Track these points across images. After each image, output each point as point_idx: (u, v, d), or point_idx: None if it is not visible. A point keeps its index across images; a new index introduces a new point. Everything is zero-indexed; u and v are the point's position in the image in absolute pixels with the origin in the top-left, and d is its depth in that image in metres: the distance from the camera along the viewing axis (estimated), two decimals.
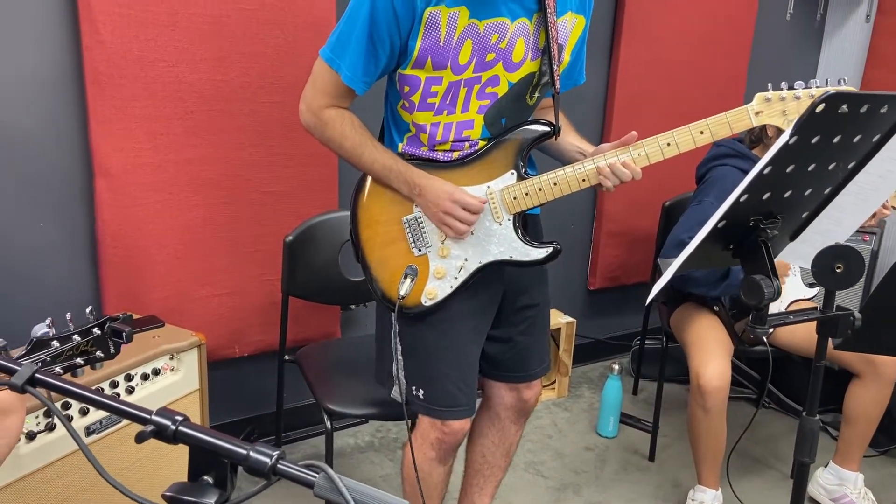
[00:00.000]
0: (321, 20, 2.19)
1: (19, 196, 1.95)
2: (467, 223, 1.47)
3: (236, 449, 0.65)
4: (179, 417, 0.69)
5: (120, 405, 0.72)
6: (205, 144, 2.12)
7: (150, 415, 0.69)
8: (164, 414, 0.69)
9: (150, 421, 0.68)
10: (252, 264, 2.28)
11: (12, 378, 0.72)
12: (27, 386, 0.72)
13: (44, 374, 0.73)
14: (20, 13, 1.85)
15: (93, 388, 0.74)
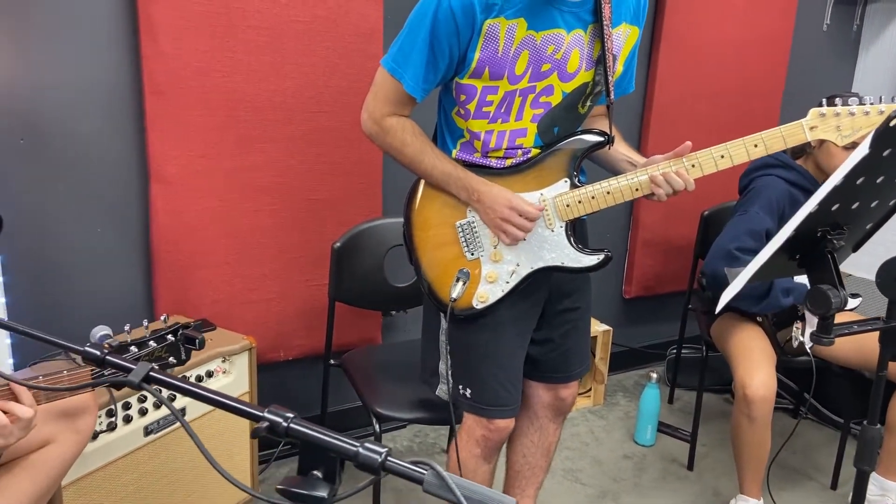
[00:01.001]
0: (369, 32, 2.23)
1: (78, 201, 2.01)
2: (524, 230, 1.50)
3: (347, 446, 0.69)
4: (290, 415, 0.72)
5: (232, 402, 0.75)
6: (255, 152, 2.17)
7: (263, 412, 0.72)
8: (275, 412, 0.72)
9: (263, 418, 0.72)
10: (297, 270, 2.33)
11: (129, 376, 0.76)
12: (143, 383, 0.76)
13: (157, 373, 0.77)
14: (84, 24, 1.91)
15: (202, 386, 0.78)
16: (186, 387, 0.77)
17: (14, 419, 1.09)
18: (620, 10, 1.49)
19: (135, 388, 0.76)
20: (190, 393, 0.77)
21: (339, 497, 0.70)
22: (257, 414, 0.73)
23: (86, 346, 0.80)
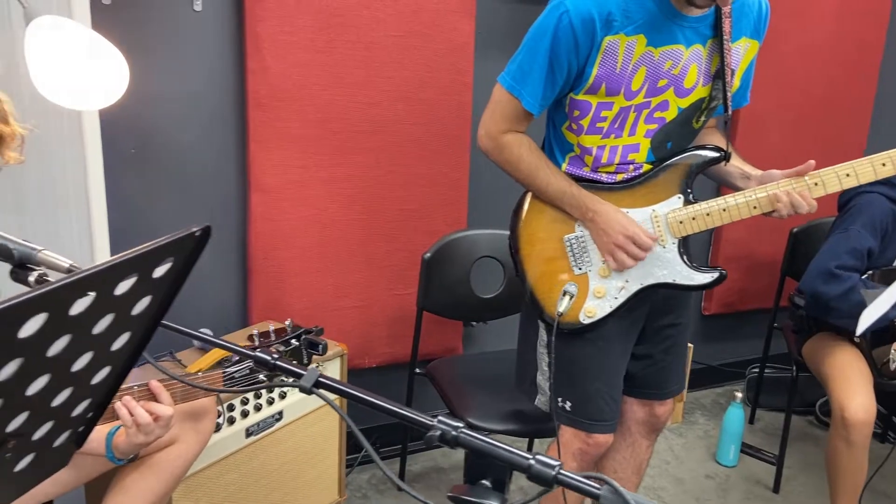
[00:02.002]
0: (461, 46, 2.27)
1: (182, 208, 2.09)
2: (635, 259, 1.50)
3: (519, 458, 0.70)
4: (460, 425, 0.74)
5: (403, 411, 0.78)
6: (347, 163, 2.22)
7: (434, 421, 0.74)
8: (445, 422, 0.74)
9: (435, 427, 0.74)
10: (383, 279, 2.36)
11: (301, 381, 0.79)
12: (314, 388, 0.79)
13: (324, 379, 0.80)
14: (194, 40, 2.00)
15: (369, 392, 0.80)
16: (354, 392, 0.80)
17: (156, 418, 1.14)
18: (741, 24, 1.48)
19: (306, 392, 0.79)
20: (357, 399, 0.80)
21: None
22: (428, 423, 0.75)
23: (256, 351, 0.84)
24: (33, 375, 0.58)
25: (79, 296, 0.56)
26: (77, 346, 0.61)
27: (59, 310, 0.55)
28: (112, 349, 0.68)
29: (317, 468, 2.06)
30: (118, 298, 0.62)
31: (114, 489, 1.30)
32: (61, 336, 0.58)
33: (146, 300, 0.67)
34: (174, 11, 1.96)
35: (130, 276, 0.61)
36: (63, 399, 0.66)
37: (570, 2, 1.40)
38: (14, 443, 0.63)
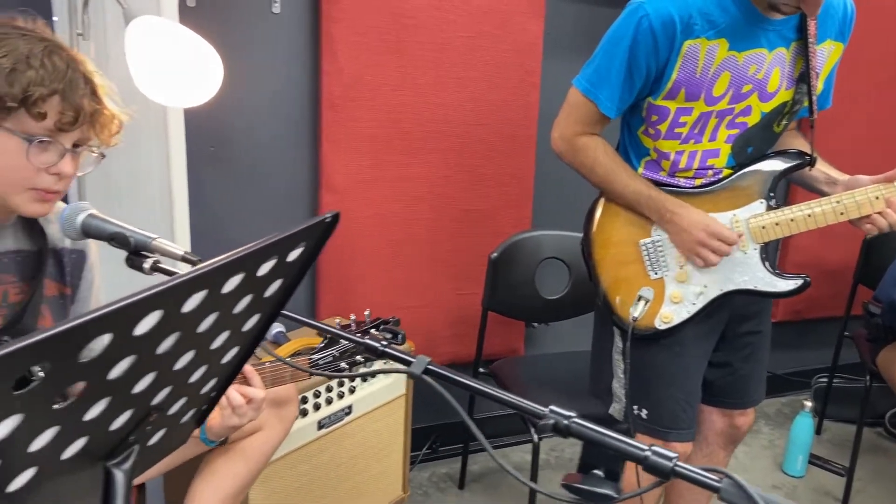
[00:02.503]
0: (529, 47, 2.28)
1: (255, 205, 2.14)
2: (720, 254, 1.48)
3: (634, 450, 0.70)
4: (572, 415, 0.75)
5: (513, 399, 0.79)
6: (416, 163, 2.25)
7: (547, 410, 0.75)
8: (557, 411, 0.75)
9: (547, 416, 0.75)
10: (449, 278, 2.38)
11: (410, 367, 0.81)
12: (423, 375, 0.81)
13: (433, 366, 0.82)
14: (271, 42, 2.05)
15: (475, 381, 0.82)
16: (462, 380, 0.81)
17: (248, 400, 1.17)
18: (826, 26, 1.46)
19: (416, 378, 0.81)
20: (465, 386, 0.81)
21: (624, 496, 0.72)
22: (541, 412, 0.75)
23: (366, 338, 0.86)
24: (183, 350, 0.61)
25: (231, 275, 0.58)
26: (220, 324, 0.64)
27: (215, 288, 0.57)
28: (243, 330, 0.71)
29: (382, 463, 2.08)
30: (258, 280, 0.64)
31: (203, 472, 1.34)
32: (211, 313, 0.60)
33: (278, 283, 0.70)
34: (253, 13, 2.01)
35: (271, 259, 0.64)
36: (198, 376, 0.70)
37: (650, 5, 1.40)
38: (156, 416, 0.66)
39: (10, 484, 0.50)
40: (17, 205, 1.05)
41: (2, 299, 1.11)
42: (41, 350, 0.41)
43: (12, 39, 0.99)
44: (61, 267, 1.20)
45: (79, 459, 0.58)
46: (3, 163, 1.00)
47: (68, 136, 1.04)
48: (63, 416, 0.50)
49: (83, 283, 1.25)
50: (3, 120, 0.99)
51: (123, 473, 0.64)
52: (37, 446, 0.50)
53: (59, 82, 1.00)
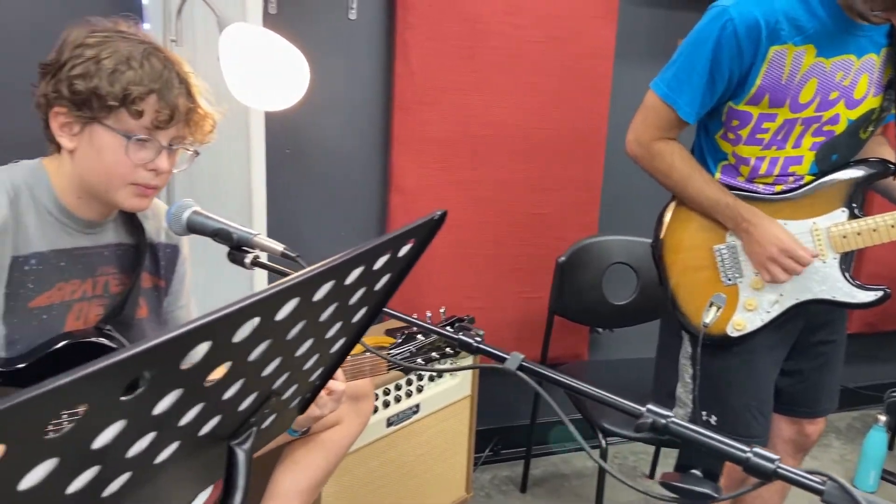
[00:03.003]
0: (601, 52, 2.28)
1: (328, 206, 2.20)
2: (790, 272, 1.46)
3: (735, 451, 0.71)
4: (669, 414, 0.75)
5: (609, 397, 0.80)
6: (483, 167, 2.27)
7: (644, 409, 0.76)
8: (655, 410, 0.76)
9: (645, 414, 0.76)
10: (514, 281, 2.39)
11: (505, 364, 0.83)
12: (518, 371, 0.83)
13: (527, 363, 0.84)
14: (346, 47, 2.10)
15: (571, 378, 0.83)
16: (556, 376, 0.83)
17: (329, 392, 1.21)
18: None
19: (511, 374, 0.83)
20: (561, 384, 0.83)
21: (724, 497, 0.72)
22: (638, 410, 0.76)
23: (460, 334, 0.88)
24: (306, 337, 0.64)
25: (355, 267, 0.62)
26: (337, 314, 0.67)
27: (341, 279, 0.61)
28: (353, 321, 0.74)
29: (447, 463, 2.11)
30: (373, 273, 0.67)
31: (285, 462, 1.38)
32: (333, 303, 0.64)
33: (387, 277, 0.73)
34: (331, 20, 2.07)
35: (386, 254, 0.67)
36: (311, 363, 0.73)
37: (735, 9, 1.39)
38: (273, 400, 0.70)
39: (159, 455, 0.54)
40: (118, 199, 1.11)
41: (104, 289, 1.18)
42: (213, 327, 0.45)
43: (115, 42, 1.06)
44: (157, 261, 1.27)
45: (210, 436, 0.62)
46: (105, 159, 1.07)
47: (164, 134, 1.10)
48: (208, 394, 0.54)
49: (176, 277, 1.32)
50: (104, 118, 1.05)
51: (244, 452, 0.68)
52: (185, 420, 0.54)
53: (156, 82, 1.06)
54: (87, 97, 1.04)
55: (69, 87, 1.04)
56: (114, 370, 0.37)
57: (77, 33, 1.08)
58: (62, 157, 1.10)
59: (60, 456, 0.40)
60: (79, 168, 1.09)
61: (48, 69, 1.07)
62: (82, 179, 1.10)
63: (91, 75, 1.03)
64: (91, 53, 1.05)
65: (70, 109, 1.05)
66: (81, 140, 1.07)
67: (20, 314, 1.06)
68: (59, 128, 1.07)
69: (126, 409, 0.43)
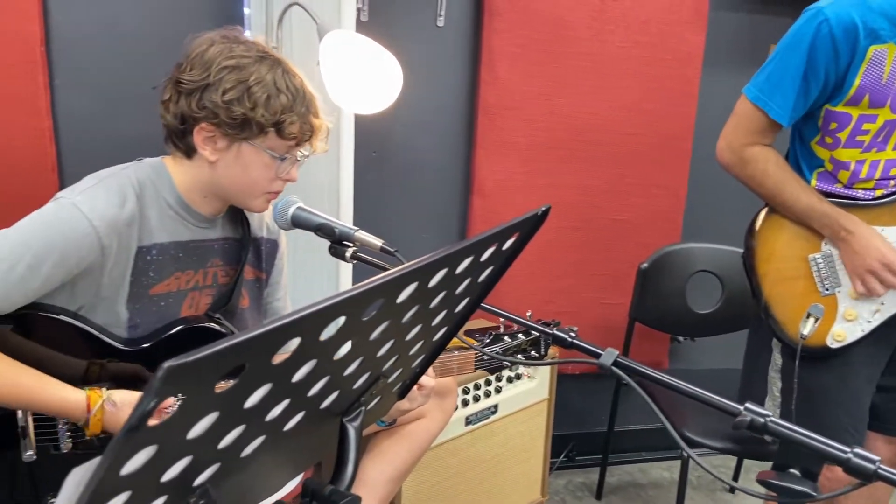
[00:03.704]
0: (688, 58, 2.25)
1: (410, 207, 2.26)
2: (889, 287, 1.42)
3: (835, 451, 0.70)
4: (769, 413, 0.76)
5: (705, 394, 0.81)
6: (566, 171, 2.28)
7: (742, 408, 0.76)
8: (752, 409, 0.76)
9: (743, 413, 0.76)
10: (593, 287, 2.39)
11: (600, 360, 0.85)
12: (612, 367, 0.85)
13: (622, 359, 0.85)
14: (435, 51, 2.16)
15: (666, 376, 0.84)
16: (652, 373, 0.84)
17: (419, 387, 1.25)
18: None
19: (605, 371, 0.85)
20: (658, 381, 0.84)
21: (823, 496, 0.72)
22: (735, 409, 0.77)
23: (554, 330, 0.91)
24: (416, 322, 0.68)
25: (466, 258, 0.65)
26: (444, 302, 0.70)
27: (453, 267, 0.64)
28: (455, 311, 0.78)
29: (523, 465, 2.12)
30: (480, 264, 0.71)
31: (372, 452, 1.43)
32: (443, 291, 0.67)
33: (490, 269, 0.76)
34: (419, 27, 2.13)
35: (492, 245, 0.70)
36: (415, 350, 0.77)
37: (831, 10, 1.36)
38: (382, 382, 0.74)
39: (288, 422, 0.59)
40: (252, 205, 1.19)
41: (213, 280, 1.26)
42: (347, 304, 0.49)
43: (253, 65, 1.12)
44: (259, 254, 1.34)
45: (327, 411, 0.66)
46: (251, 173, 1.15)
47: (299, 149, 1.17)
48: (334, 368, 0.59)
49: (274, 270, 1.39)
50: (255, 138, 1.13)
51: (354, 429, 0.72)
52: (313, 391, 0.58)
53: (301, 105, 1.13)
54: (243, 121, 1.11)
55: (225, 111, 1.10)
56: (274, 335, 0.42)
57: (213, 51, 1.13)
58: (191, 163, 1.18)
59: (221, 411, 0.44)
60: (217, 177, 1.17)
61: (190, 86, 1.12)
62: (218, 186, 1.18)
63: (245, 102, 1.10)
64: (239, 77, 1.11)
65: (220, 129, 1.12)
66: (226, 154, 1.15)
67: (142, 300, 1.14)
68: (203, 141, 1.14)
69: (273, 373, 0.47)
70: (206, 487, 0.54)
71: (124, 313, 1.12)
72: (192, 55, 1.13)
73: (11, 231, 1.04)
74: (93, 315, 1.11)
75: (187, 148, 1.16)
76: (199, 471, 0.50)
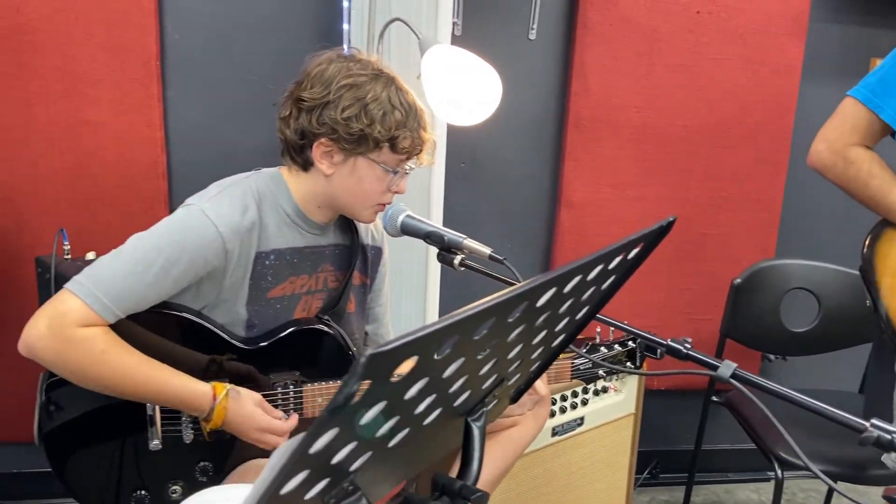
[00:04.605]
0: (787, 69, 2.20)
1: (497, 217, 2.28)
2: None
3: None
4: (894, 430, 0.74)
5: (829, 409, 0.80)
6: (656, 184, 2.26)
7: (867, 424, 0.75)
8: (880, 425, 0.74)
9: (868, 430, 0.75)
10: (682, 301, 2.35)
11: (718, 372, 0.85)
12: (731, 379, 0.85)
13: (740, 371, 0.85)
14: (526, 64, 2.18)
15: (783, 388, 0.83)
16: (768, 385, 0.84)
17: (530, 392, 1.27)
18: None
19: (724, 381, 0.85)
20: (776, 394, 0.84)
21: None
22: (861, 425, 0.76)
23: (669, 340, 0.91)
24: (544, 327, 0.70)
25: (598, 265, 0.67)
26: (570, 309, 0.72)
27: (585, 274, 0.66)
28: (576, 318, 0.79)
29: (607, 479, 2.10)
30: (607, 272, 0.72)
31: None
32: (571, 298, 0.69)
33: (612, 278, 0.77)
34: (512, 40, 2.16)
35: (619, 255, 0.71)
36: (536, 354, 0.79)
37: None
38: (504, 385, 0.76)
39: (426, 419, 0.62)
40: (363, 216, 1.25)
41: (323, 285, 1.31)
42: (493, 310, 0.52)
43: (369, 83, 1.18)
44: (365, 261, 1.39)
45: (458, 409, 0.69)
46: (365, 185, 1.21)
47: (409, 162, 1.22)
48: (473, 368, 0.61)
49: (378, 276, 1.44)
50: (370, 153, 1.18)
51: (478, 429, 0.75)
52: (453, 388, 0.61)
53: (413, 120, 1.18)
54: (359, 137, 1.17)
55: (344, 127, 1.17)
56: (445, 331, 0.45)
57: (331, 70, 1.20)
58: (307, 175, 1.25)
59: (388, 400, 0.48)
60: (333, 188, 1.23)
61: (311, 104, 1.19)
62: (332, 197, 1.24)
63: (362, 118, 1.16)
64: (356, 94, 1.17)
65: (338, 144, 1.19)
66: (342, 168, 1.21)
67: (260, 302, 1.21)
68: (321, 155, 1.21)
69: (432, 368, 0.50)
70: (356, 474, 0.57)
71: (243, 314, 1.19)
72: (311, 74, 1.19)
73: (146, 235, 1.12)
74: (214, 315, 1.18)
75: (304, 161, 1.22)
76: (357, 456, 0.53)
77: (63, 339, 1.04)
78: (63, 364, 1.06)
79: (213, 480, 1.20)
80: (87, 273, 1.08)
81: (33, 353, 1.06)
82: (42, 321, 1.05)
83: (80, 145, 1.97)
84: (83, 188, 1.98)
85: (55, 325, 1.05)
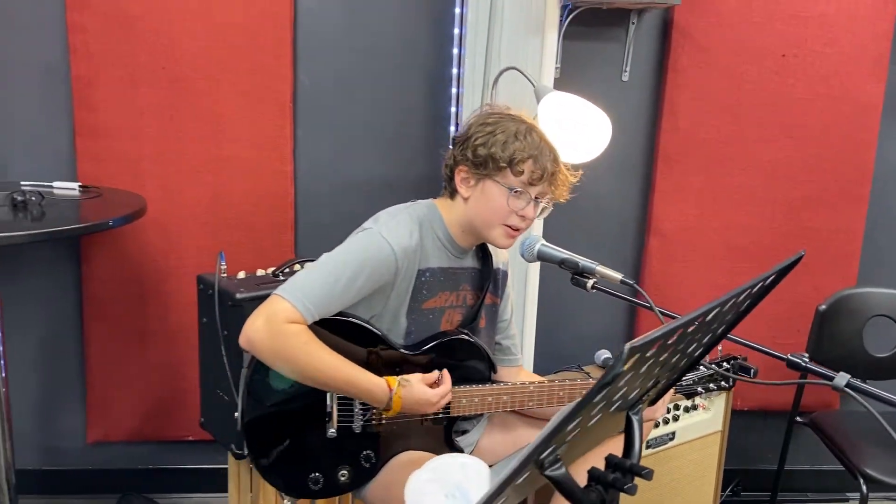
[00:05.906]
0: (867, 107, 2.32)
1: (589, 246, 2.44)
2: None
3: None
4: None
5: None
6: (742, 214, 2.39)
7: None
8: None
9: None
10: (765, 327, 2.47)
11: (834, 382, 1.01)
12: (846, 388, 1.00)
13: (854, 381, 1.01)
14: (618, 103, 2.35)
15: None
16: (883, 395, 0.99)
17: None
18: None
19: (839, 391, 1.00)
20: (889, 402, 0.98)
21: None
22: None
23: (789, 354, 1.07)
24: (692, 343, 0.88)
25: (746, 291, 0.84)
26: (715, 323, 0.90)
27: (737, 299, 0.84)
28: (717, 333, 0.97)
29: (694, 494, 2.22)
30: (749, 295, 0.90)
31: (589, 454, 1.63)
32: (718, 320, 0.87)
33: (748, 302, 0.94)
34: (606, 81, 2.35)
35: (760, 283, 0.89)
36: (683, 363, 0.96)
37: None
38: (654, 387, 0.94)
39: (612, 407, 0.80)
40: (492, 237, 1.45)
41: (462, 302, 1.52)
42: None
43: (506, 122, 1.41)
44: (496, 283, 1.59)
45: (621, 405, 0.87)
46: (491, 205, 1.41)
47: (534, 189, 1.42)
48: (645, 372, 0.79)
49: (505, 296, 1.63)
50: (494, 174, 1.39)
51: (637, 421, 0.92)
52: (629, 393, 0.79)
53: (533, 150, 1.38)
54: (485, 160, 1.39)
55: (473, 152, 1.40)
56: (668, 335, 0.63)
57: (476, 116, 1.47)
58: (454, 203, 1.47)
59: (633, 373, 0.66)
60: (469, 210, 1.44)
61: (458, 139, 1.46)
62: (468, 219, 1.45)
63: (488, 144, 1.39)
64: (489, 129, 1.41)
65: (471, 168, 1.42)
66: (476, 191, 1.43)
67: (417, 313, 1.43)
68: (461, 181, 1.44)
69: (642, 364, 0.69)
70: (563, 447, 0.76)
71: (404, 322, 1.41)
72: (468, 122, 1.44)
73: (334, 253, 1.35)
74: (380, 322, 1.40)
75: (452, 190, 1.45)
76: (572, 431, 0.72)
77: (276, 332, 1.27)
78: (275, 353, 1.29)
79: (375, 468, 1.40)
80: (291, 282, 1.32)
81: (251, 345, 1.29)
82: (259, 319, 1.29)
83: (218, 178, 2.24)
84: (221, 213, 2.25)
85: (270, 320, 1.28)
